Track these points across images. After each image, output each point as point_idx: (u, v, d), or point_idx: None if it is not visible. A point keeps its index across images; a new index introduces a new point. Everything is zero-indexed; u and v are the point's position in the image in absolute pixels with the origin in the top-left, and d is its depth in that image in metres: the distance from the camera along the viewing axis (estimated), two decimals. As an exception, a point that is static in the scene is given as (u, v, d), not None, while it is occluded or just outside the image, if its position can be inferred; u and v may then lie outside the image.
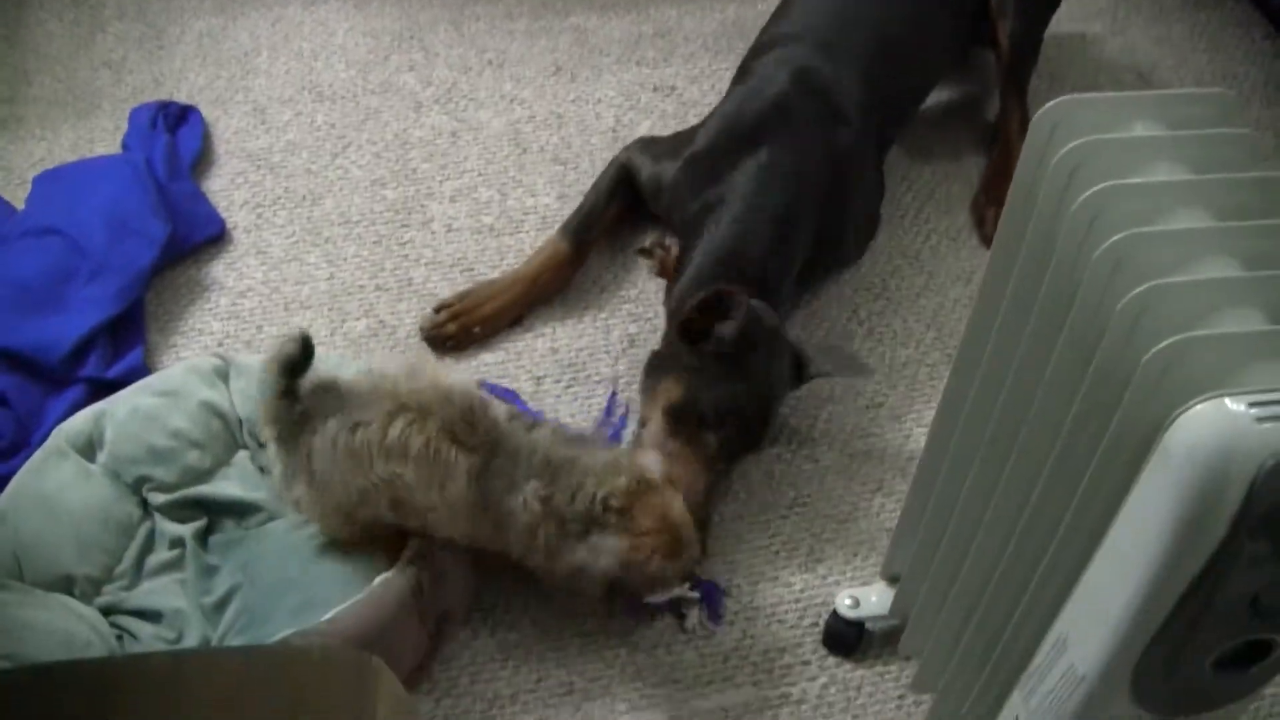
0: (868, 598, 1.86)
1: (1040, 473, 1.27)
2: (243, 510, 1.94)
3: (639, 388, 2.09)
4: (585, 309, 2.33)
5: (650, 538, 1.72)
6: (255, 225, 2.46)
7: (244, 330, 2.27)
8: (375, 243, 2.43)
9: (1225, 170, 1.19)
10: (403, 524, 1.79)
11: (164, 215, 2.33)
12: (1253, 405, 0.98)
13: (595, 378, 2.22)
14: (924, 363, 2.28)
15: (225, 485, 1.96)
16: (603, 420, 2.13)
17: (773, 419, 2.02)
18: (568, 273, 2.35)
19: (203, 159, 2.59)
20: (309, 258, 2.40)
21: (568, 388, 2.19)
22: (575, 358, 2.25)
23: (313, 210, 2.49)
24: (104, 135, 2.63)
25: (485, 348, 2.25)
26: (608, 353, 2.26)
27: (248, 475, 1.98)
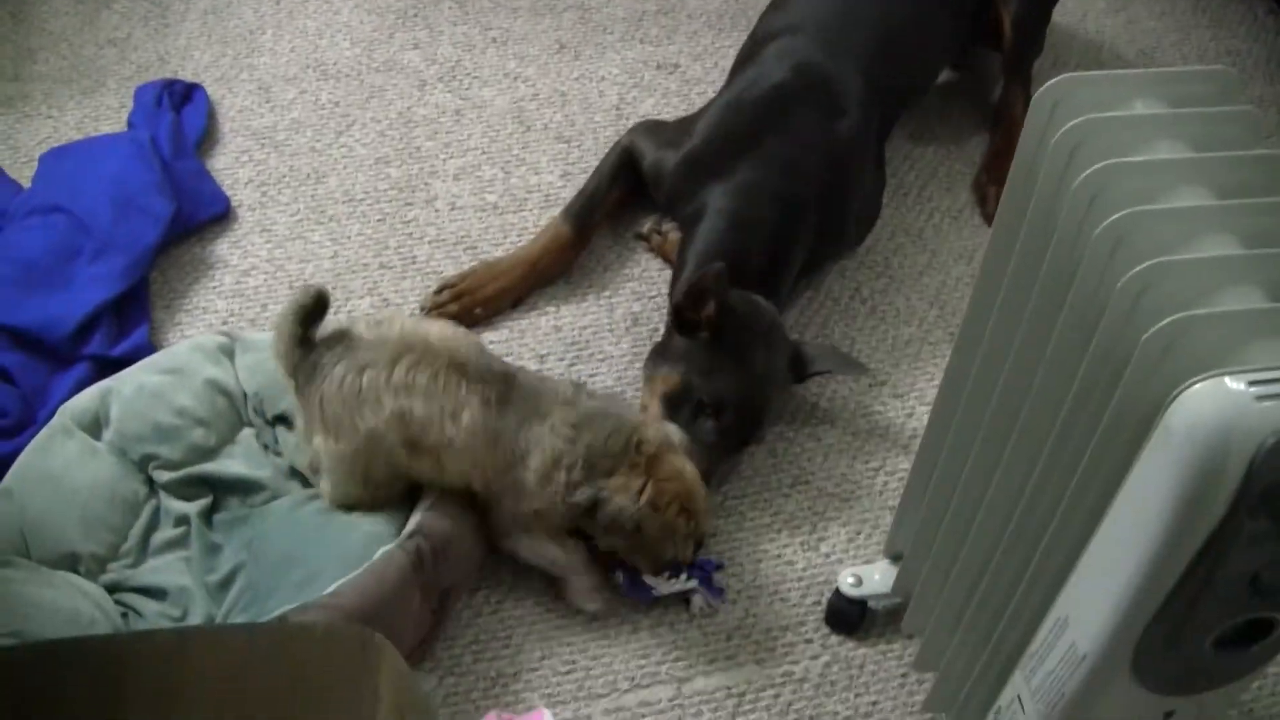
0: (870, 576, 1.86)
1: (1041, 451, 1.27)
2: (247, 488, 1.94)
3: (642, 377, 2.10)
4: (589, 288, 2.33)
5: (671, 484, 1.77)
6: (260, 203, 2.46)
7: (248, 308, 2.27)
8: (379, 221, 2.43)
9: (1226, 148, 1.19)
10: (415, 470, 1.83)
11: (169, 193, 2.33)
12: (1253, 384, 0.99)
13: (599, 356, 2.22)
14: (926, 341, 2.28)
15: (230, 463, 1.96)
16: None
17: (771, 408, 2.02)
18: (569, 256, 2.35)
19: (207, 137, 2.59)
20: (313, 236, 2.40)
21: (571, 366, 2.19)
22: (579, 336, 2.25)
23: (317, 188, 2.49)
24: (109, 113, 2.63)
25: (489, 326, 2.25)
26: (611, 331, 2.26)
27: (252, 453, 1.99)
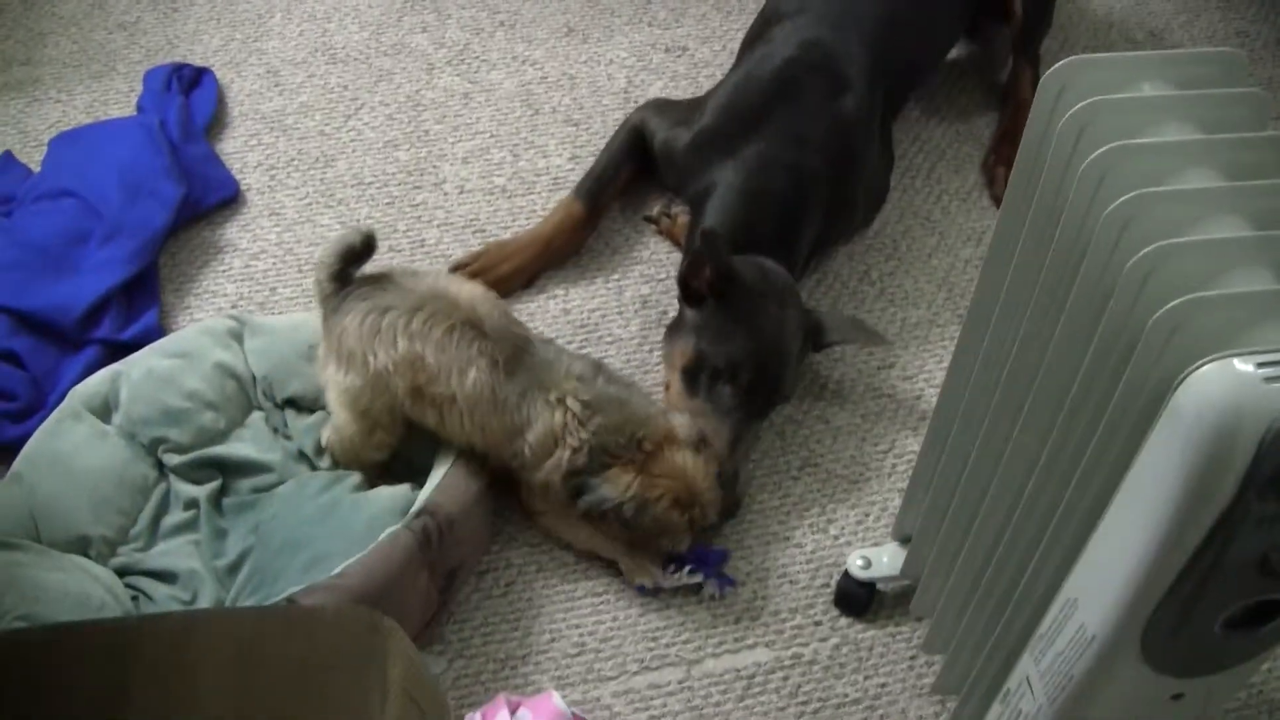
0: (879, 558, 1.86)
1: (1050, 433, 1.27)
2: (257, 470, 1.95)
3: (662, 356, 2.10)
4: (598, 270, 2.33)
5: (664, 481, 1.79)
6: (269, 187, 2.46)
7: (257, 291, 2.28)
8: (388, 204, 2.43)
9: (1234, 130, 1.19)
10: (417, 416, 1.85)
11: (178, 177, 2.34)
12: (1261, 365, 0.98)
13: (608, 339, 2.22)
14: (935, 323, 2.27)
15: (240, 446, 1.97)
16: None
17: (789, 368, 2.00)
18: (581, 234, 2.35)
19: (216, 121, 2.59)
20: (322, 219, 2.40)
21: (580, 348, 2.19)
22: (588, 319, 2.25)
23: (326, 172, 2.49)
24: (119, 97, 2.63)
25: (498, 309, 2.25)
26: (620, 314, 2.26)
27: (262, 436, 1.99)
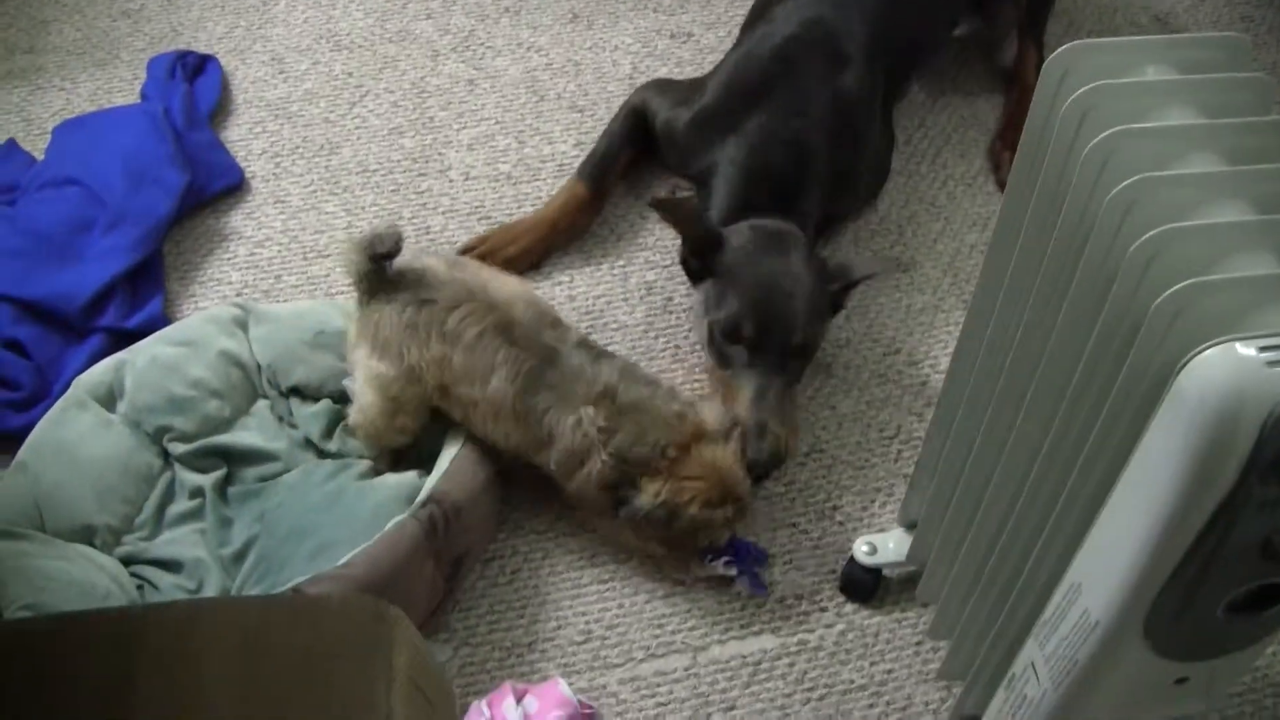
0: (885, 544, 1.86)
1: (1054, 417, 1.27)
2: (262, 458, 1.95)
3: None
4: (603, 257, 2.33)
5: (694, 483, 1.77)
6: (273, 174, 2.46)
7: (262, 279, 2.27)
8: (393, 191, 2.43)
9: (1237, 114, 1.19)
10: (445, 409, 1.87)
11: (182, 165, 2.34)
12: (1264, 349, 0.98)
13: (613, 325, 2.21)
14: (940, 308, 2.27)
15: (245, 434, 1.97)
16: None
17: (796, 314, 1.96)
18: (587, 216, 2.36)
19: (221, 108, 2.59)
20: (327, 207, 2.40)
21: (586, 334, 2.19)
22: (593, 305, 2.25)
23: (330, 159, 2.49)
24: (123, 85, 2.63)
25: (503, 295, 2.25)
26: (625, 300, 2.26)
27: (267, 424, 1.99)
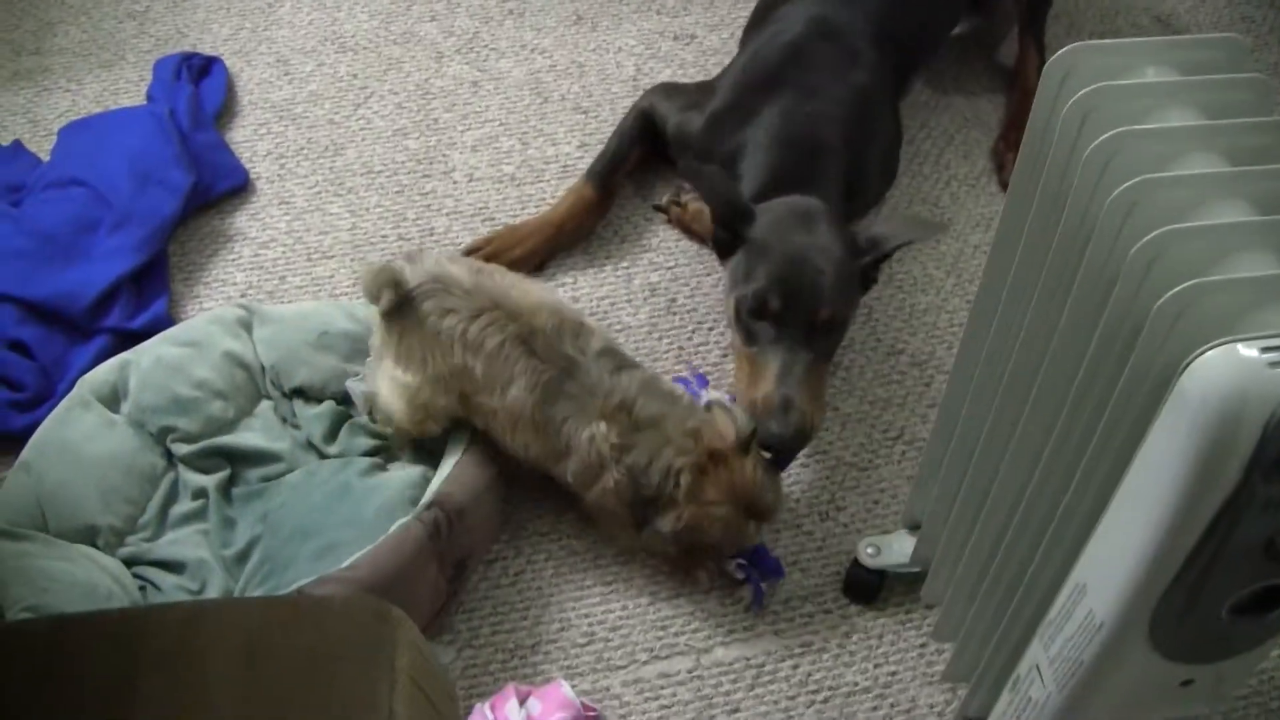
0: (889, 546, 1.86)
1: (1057, 418, 1.27)
2: (265, 459, 1.95)
3: None
4: (607, 258, 2.33)
5: (715, 508, 1.76)
6: (278, 175, 2.46)
7: (267, 280, 2.28)
8: (397, 192, 2.43)
9: (1237, 115, 1.19)
10: (468, 415, 1.87)
11: (187, 166, 2.34)
12: (1265, 350, 0.98)
13: (617, 326, 2.21)
14: (944, 309, 2.27)
15: (248, 435, 1.97)
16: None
17: (823, 287, 1.91)
18: (593, 218, 2.36)
19: (226, 110, 2.59)
20: (331, 208, 2.40)
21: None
22: (597, 306, 2.25)
23: (335, 160, 2.49)
24: (128, 86, 2.63)
25: (507, 296, 2.25)
26: (629, 302, 2.26)
27: (271, 425, 1.99)
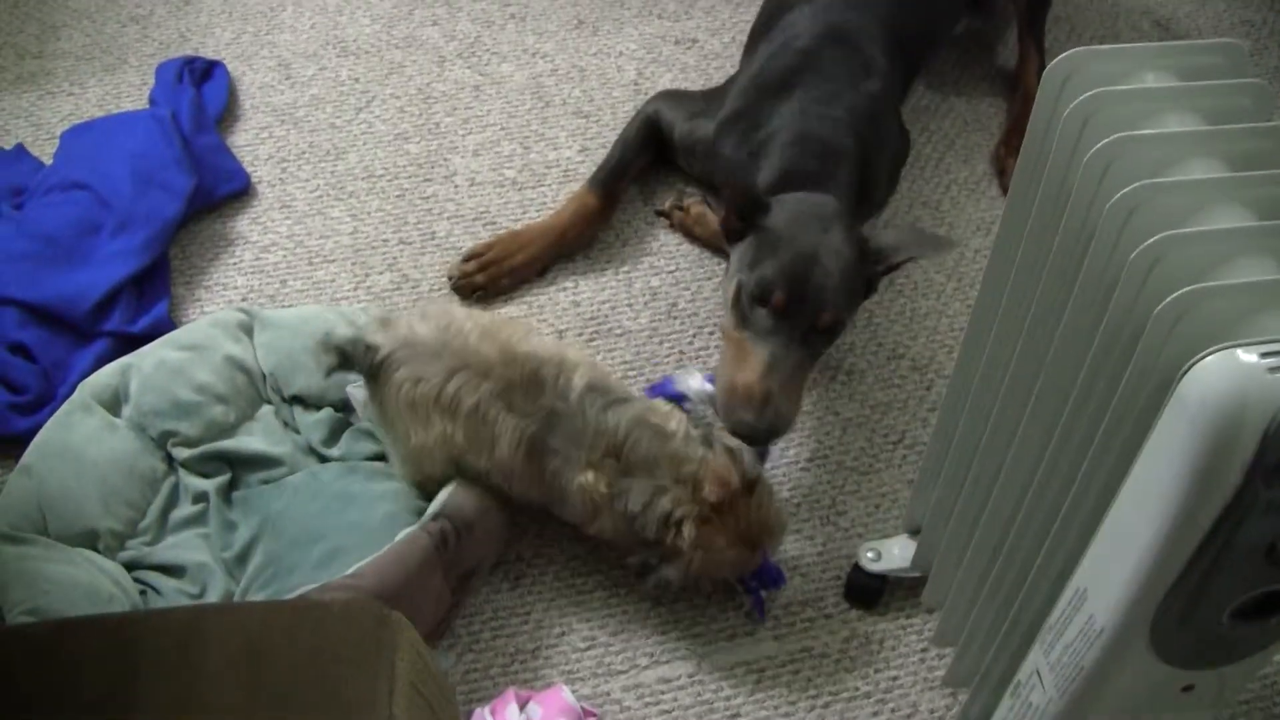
0: (890, 550, 1.86)
1: (1057, 423, 1.27)
2: (266, 464, 1.95)
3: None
4: (608, 263, 2.33)
5: (725, 553, 1.76)
6: (279, 179, 2.47)
7: (268, 284, 2.28)
8: (398, 197, 2.43)
9: (1237, 120, 1.19)
10: (468, 471, 1.83)
11: (189, 169, 2.34)
12: (1265, 355, 0.98)
13: (617, 331, 2.22)
14: (944, 313, 2.27)
15: (249, 439, 1.97)
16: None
17: (828, 288, 1.89)
18: (596, 225, 2.35)
19: (228, 114, 2.59)
20: (333, 212, 2.41)
21: (590, 341, 2.19)
22: (597, 311, 2.25)
23: (336, 164, 2.49)
24: (131, 90, 2.63)
25: (508, 300, 2.26)
26: (630, 306, 2.26)
27: (271, 429, 1.99)
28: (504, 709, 1.69)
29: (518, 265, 2.27)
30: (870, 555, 1.85)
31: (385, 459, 1.95)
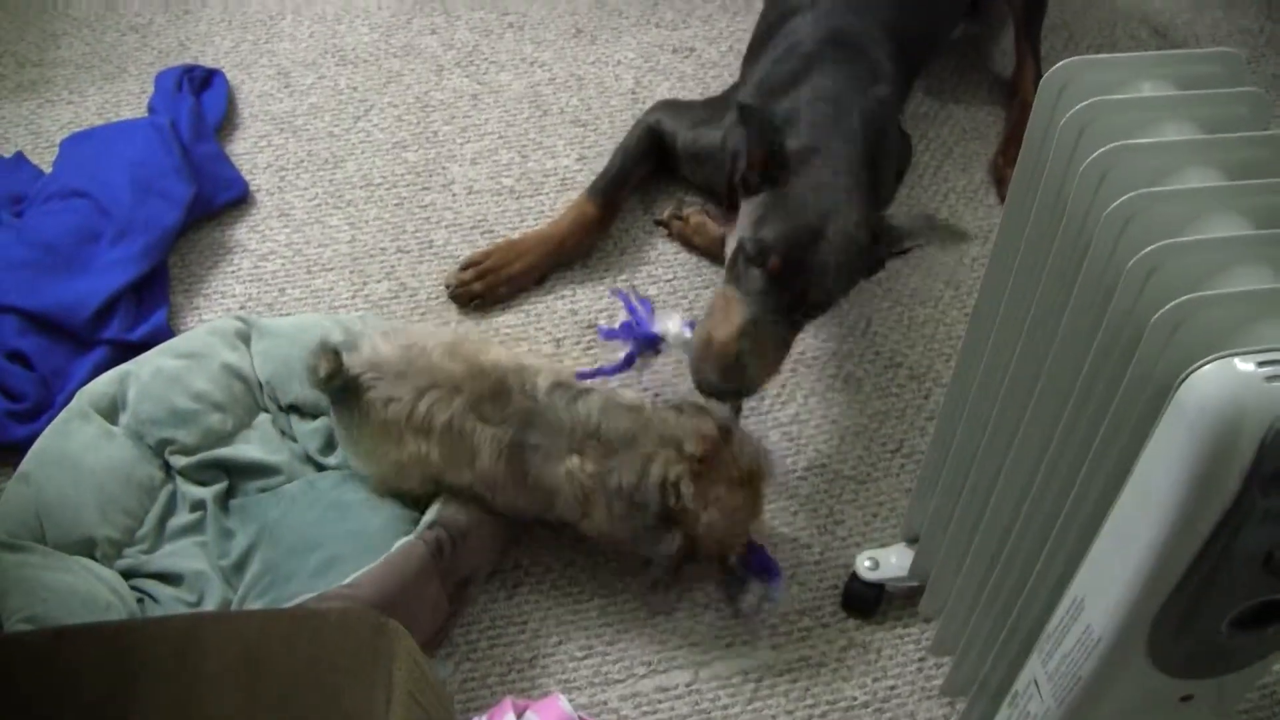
0: (887, 559, 1.86)
1: (1055, 431, 1.27)
2: (264, 472, 1.94)
3: None
4: (605, 271, 2.33)
5: (729, 499, 1.76)
6: (278, 188, 2.47)
7: (266, 293, 2.28)
8: (397, 205, 2.43)
9: (1233, 129, 1.19)
10: (449, 488, 1.83)
11: (188, 177, 2.34)
12: (1262, 364, 0.98)
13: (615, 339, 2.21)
14: (942, 321, 2.27)
15: (247, 448, 1.97)
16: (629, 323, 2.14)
17: (829, 264, 1.88)
18: (594, 235, 2.35)
19: (227, 122, 2.59)
20: (331, 220, 2.41)
21: (587, 349, 2.19)
22: (595, 319, 2.24)
23: (335, 173, 2.49)
24: (130, 99, 2.63)
25: (505, 309, 2.25)
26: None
27: (268, 437, 1.99)
28: (501, 718, 1.69)
29: (515, 274, 2.27)
30: (868, 564, 1.85)
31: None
